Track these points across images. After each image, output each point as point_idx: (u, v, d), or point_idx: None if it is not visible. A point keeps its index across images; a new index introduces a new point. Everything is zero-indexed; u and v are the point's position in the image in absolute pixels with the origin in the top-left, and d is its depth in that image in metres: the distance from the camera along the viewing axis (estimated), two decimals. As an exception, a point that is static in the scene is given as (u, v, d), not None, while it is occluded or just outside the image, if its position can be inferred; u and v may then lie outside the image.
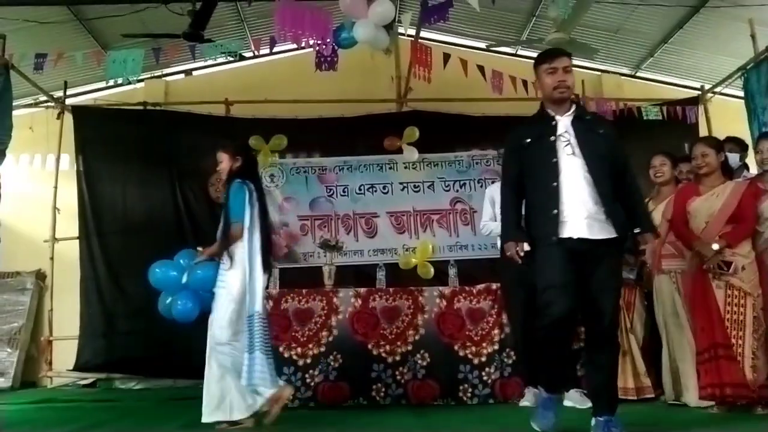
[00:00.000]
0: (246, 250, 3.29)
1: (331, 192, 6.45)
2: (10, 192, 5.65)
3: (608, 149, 2.72)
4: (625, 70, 7.60)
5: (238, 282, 3.27)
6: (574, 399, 3.72)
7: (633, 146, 5.87)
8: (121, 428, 3.61)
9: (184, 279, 3.69)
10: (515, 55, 7.47)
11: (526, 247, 2.68)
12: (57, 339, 6.27)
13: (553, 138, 2.70)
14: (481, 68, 5.62)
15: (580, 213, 2.61)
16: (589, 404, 3.56)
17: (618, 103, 6.40)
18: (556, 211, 2.61)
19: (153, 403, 4.80)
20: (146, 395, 5.37)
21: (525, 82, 5.64)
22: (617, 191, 2.69)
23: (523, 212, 2.79)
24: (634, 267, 3.86)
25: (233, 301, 3.26)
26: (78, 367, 5.99)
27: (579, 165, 2.65)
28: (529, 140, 2.77)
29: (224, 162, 3.59)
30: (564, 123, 2.74)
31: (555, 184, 2.63)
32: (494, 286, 4.23)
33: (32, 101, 6.65)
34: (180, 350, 5.81)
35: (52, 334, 6.31)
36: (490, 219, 4.22)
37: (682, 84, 7.47)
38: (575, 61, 7.14)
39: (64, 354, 6.17)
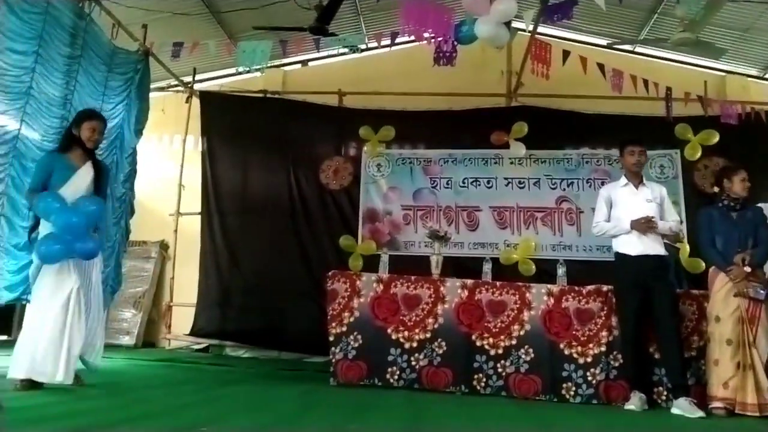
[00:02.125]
0: None
1: (435, 184, 6.56)
2: (143, 169, 6.22)
3: None
4: (752, 72, 7.17)
5: None
6: (683, 407, 3.65)
7: (758, 153, 5.65)
8: (245, 390, 3.92)
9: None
10: (632, 52, 7.23)
11: None
12: (176, 305, 6.83)
13: None
14: (601, 66, 5.51)
15: None
16: (700, 413, 3.52)
17: (744, 107, 6.06)
18: None
19: (264, 371, 5.15)
20: (254, 364, 5.75)
21: (646, 82, 5.47)
22: None
23: None
24: (765, 286, 3.71)
25: None
26: (194, 332, 6.51)
27: None
28: None
29: None
30: None
31: None
32: (605, 288, 4.19)
33: (164, 85, 7.22)
34: (287, 326, 6.21)
35: (173, 300, 6.89)
36: (603, 219, 4.17)
37: (815, 88, 6.96)
38: (697, 61, 6.88)
39: (181, 319, 6.73)
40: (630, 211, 4.01)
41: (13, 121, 4.58)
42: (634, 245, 3.96)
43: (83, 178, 3.55)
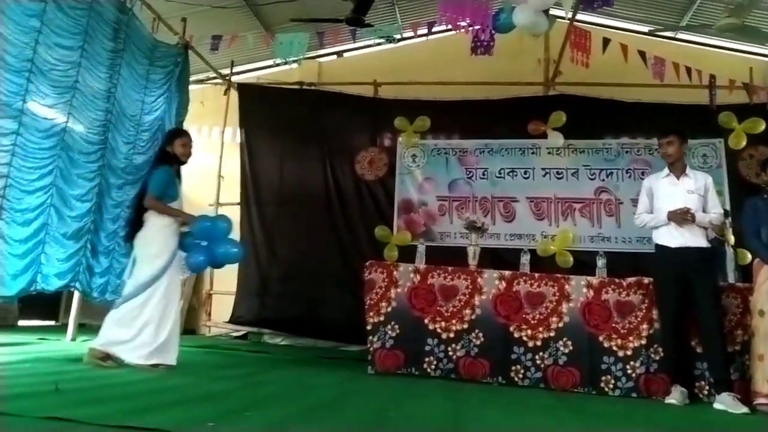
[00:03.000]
0: None
1: (471, 174, 6.54)
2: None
3: None
4: (801, 57, 6.91)
5: None
6: (726, 402, 3.58)
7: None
8: (286, 375, 4.00)
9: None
10: (674, 39, 7.04)
11: None
12: (216, 293, 6.99)
13: None
14: (642, 54, 5.39)
15: None
16: (743, 409, 3.45)
17: (791, 93, 5.87)
18: None
19: (302, 358, 5.23)
20: (292, 351, 5.85)
21: (688, 69, 5.33)
22: None
23: None
24: None
25: None
26: (233, 320, 6.66)
27: None
28: None
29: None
30: None
31: None
32: (646, 280, 4.13)
33: (203, 78, 7.35)
34: (323, 315, 6.29)
35: (212, 288, 7.05)
36: (645, 211, 4.10)
37: None
38: (742, 47, 6.66)
39: (221, 307, 6.89)
40: (669, 203, 3.93)
41: (61, 115, 4.74)
42: (673, 237, 3.89)
43: (181, 189, 4.02)
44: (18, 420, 2.04)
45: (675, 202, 3.91)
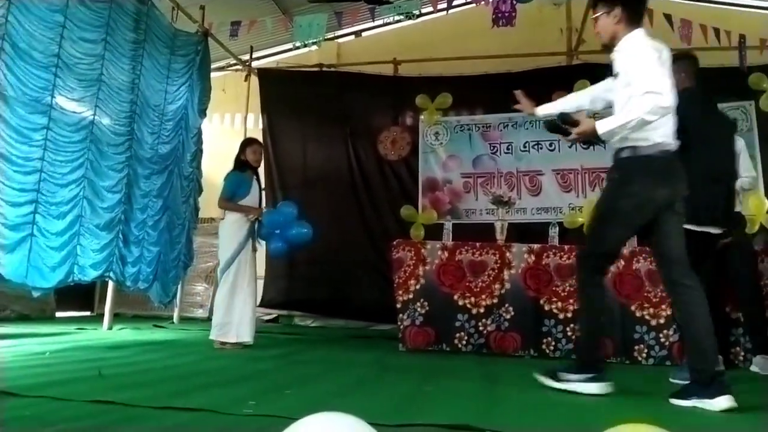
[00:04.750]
0: None
1: (495, 149, 6.47)
2: (208, 148, 6.42)
3: None
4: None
5: None
6: (759, 364, 3.60)
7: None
8: (321, 355, 4.07)
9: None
10: (701, 0, 6.84)
11: None
12: (246, 278, 7.08)
13: None
14: (668, 17, 5.25)
15: None
16: None
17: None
18: None
19: (334, 338, 5.31)
20: (323, 332, 5.94)
21: (717, 30, 5.18)
22: None
23: None
24: None
25: None
26: (263, 303, 6.74)
27: None
28: None
29: None
30: None
31: None
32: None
33: (224, 65, 7.38)
34: (352, 295, 6.35)
35: (242, 273, 7.13)
36: None
37: None
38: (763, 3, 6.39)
39: (251, 291, 6.97)
40: None
41: (88, 108, 4.82)
42: None
43: (255, 189, 4.57)
44: (67, 404, 2.11)
45: None
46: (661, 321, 4.02)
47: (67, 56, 4.42)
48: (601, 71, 6.01)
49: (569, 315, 4.17)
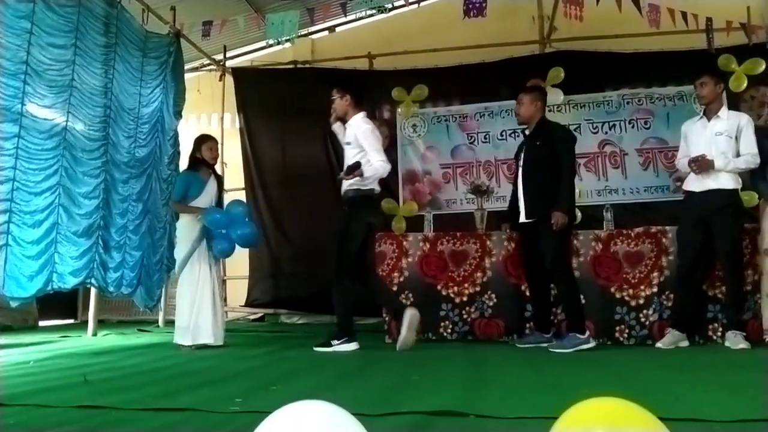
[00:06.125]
0: None
1: (473, 139, 6.51)
2: (185, 149, 6.36)
3: None
4: (800, -8, 6.77)
5: None
6: (730, 339, 3.73)
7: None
8: (307, 351, 4.08)
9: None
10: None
11: None
12: (230, 278, 7.05)
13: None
14: (636, 2, 5.31)
15: None
16: (742, 345, 3.60)
17: (792, 30, 5.77)
18: None
19: (319, 334, 5.30)
20: (309, 329, 5.95)
21: (684, 14, 5.26)
22: None
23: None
24: None
25: None
26: (249, 303, 6.75)
27: None
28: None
29: None
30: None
31: None
32: (653, 229, 4.15)
33: (197, 65, 7.32)
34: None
35: (226, 274, 7.10)
36: (683, 156, 4.06)
37: None
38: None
39: (236, 292, 6.97)
40: (696, 146, 3.91)
41: (60, 114, 4.76)
42: (699, 181, 3.86)
43: (211, 188, 4.45)
44: (52, 411, 2.11)
45: (700, 145, 3.88)
46: (641, 301, 4.11)
47: (36, 63, 4.36)
48: (573, 59, 6.19)
49: (552, 300, 4.22)
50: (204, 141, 4.53)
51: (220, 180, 4.59)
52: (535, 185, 3.98)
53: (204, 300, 4.22)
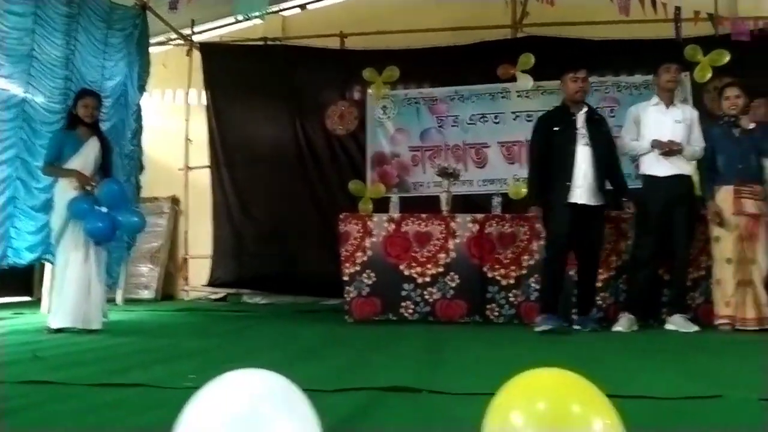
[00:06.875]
0: None
1: (442, 123, 6.51)
2: (149, 125, 6.25)
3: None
4: (767, -14, 6.89)
5: None
6: (677, 323, 3.81)
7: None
8: (267, 330, 4.08)
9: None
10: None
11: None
12: (192, 257, 6.98)
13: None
14: (607, -12, 5.35)
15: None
16: (694, 328, 3.72)
17: (756, 23, 5.88)
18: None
19: (281, 314, 5.31)
20: (272, 309, 5.93)
21: (654, 2, 5.31)
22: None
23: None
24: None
25: None
26: (211, 283, 6.68)
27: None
28: (556, 128, 3.91)
29: None
30: (581, 119, 3.89)
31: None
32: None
33: (164, 39, 7.13)
34: (301, 271, 6.34)
35: (188, 253, 7.03)
36: (631, 138, 4.08)
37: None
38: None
39: (198, 271, 6.90)
40: (657, 131, 3.95)
41: (18, 85, 4.62)
42: (663, 166, 3.91)
43: (90, 150, 3.92)
44: (-2, 385, 2.06)
45: (662, 131, 3.93)
46: (511, 281, 4.27)
47: (-8, 30, 4.21)
48: (543, 45, 6.21)
49: (512, 282, 4.30)
50: (82, 96, 4.01)
51: (105, 143, 4.03)
52: (603, 169, 3.87)
53: (82, 276, 3.74)
